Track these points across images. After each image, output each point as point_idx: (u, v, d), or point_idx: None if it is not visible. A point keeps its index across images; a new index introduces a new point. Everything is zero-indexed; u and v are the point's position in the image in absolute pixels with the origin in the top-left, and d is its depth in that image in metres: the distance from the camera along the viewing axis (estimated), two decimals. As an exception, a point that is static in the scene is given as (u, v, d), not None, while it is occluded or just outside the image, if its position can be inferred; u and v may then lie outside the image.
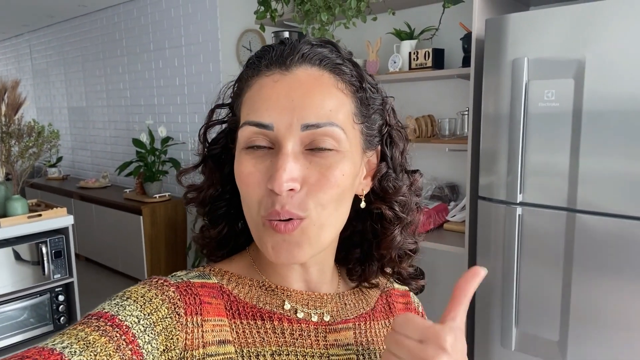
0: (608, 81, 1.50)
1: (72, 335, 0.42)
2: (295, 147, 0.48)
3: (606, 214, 1.55)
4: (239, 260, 0.59)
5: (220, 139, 0.59)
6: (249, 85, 0.52)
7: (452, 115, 2.38)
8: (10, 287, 2.38)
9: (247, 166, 0.50)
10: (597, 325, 1.59)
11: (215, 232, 0.60)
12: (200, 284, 0.53)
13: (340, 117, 0.50)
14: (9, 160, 2.42)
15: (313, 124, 0.48)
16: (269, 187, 0.47)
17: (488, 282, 1.85)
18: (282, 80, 0.49)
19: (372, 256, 0.61)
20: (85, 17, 4.93)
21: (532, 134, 1.67)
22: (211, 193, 0.59)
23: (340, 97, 0.50)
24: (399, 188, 0.58)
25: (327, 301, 0.58)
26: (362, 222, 0.60)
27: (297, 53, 0.50)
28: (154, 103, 4.33)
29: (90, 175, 5.24)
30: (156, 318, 0.46)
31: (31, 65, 6.08)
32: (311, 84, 0.49)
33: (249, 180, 0.50)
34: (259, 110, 0.49)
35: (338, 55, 0.53)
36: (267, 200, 0.49)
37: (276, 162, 0.48)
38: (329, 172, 0.49)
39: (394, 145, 0.58)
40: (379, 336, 0.60)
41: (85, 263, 4.53)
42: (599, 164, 1.54)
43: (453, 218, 2.30)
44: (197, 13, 3.75)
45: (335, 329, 0.57)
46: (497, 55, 1.74)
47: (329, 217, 0.50)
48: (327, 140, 0.49)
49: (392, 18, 2.50)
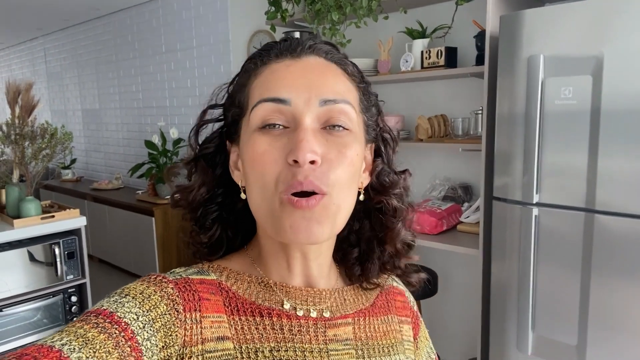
0: (627, 78, 1.46)
1: (71, 332, 0.42)
2: (313, 123, 0.49)
3: (626, 214, 1.51)
4: (237, 258, 0.59)
5: (214, 138, 0.59)
6: (257, 74, 0.53)
7: (466, 114, 2.34)
8: (24, 287, 2.40)
9: (261, 145, 0.49)
10: (617, 330, 1.54)
11: (206, 237, 0.59)
12: (199, 280, 0.53)
13: (352, 99, 0.53)
14: (23, 161, 2.44)
15: (331, 99, 0.50)
16: (291, 159, 0.47)
17: (503, 284, 1.81)
18: (294, 65, 0.51)
19: (372, 254, 0.61)
20: (98, 20, 4.98)
21: (549, 133, 1.63)
22: (202, 194, 0.58)
23: (348, 84, 0.54)
24: (395, 182, 0.60)
25: (326, 297, 0.58)
26: (359, 221, 0.61)
27: (305, 44, 0.53)
28: (166, 105, 4.35)
29: (103, 177, 5.29)
30: (155, 315, 0.46)
31: (45, 69, 6.16)
32: (323, 68, 0.52)
33: (265, 159, 0.49)
34: (274, 88, 0.50)
35: (338, 52, 0.56)
36: (287, 173, 0.48)
37: (296, 137, 0.48)
38: (346, 149, 0.50)
39: (387, 144, 0.61)
40: (378, 332, 0.60)
41: (98, 264, 4.56)
42: (618, 163, 1.50)
43: (467, 219, 2.26)
44: (208, 14, 3.76)
45: (335, 324, 0.57)
46: (511, 52, 1.71)
47: (345, 198, 0.51)
48: (342, 118, 0.50)
49: (403, 16, 2.47)
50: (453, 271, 2.56)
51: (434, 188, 2.46)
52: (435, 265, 2.52)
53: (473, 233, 2.18)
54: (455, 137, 2.28)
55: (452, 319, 2.63)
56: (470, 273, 2.47)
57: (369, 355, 0.58)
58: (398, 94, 2.66)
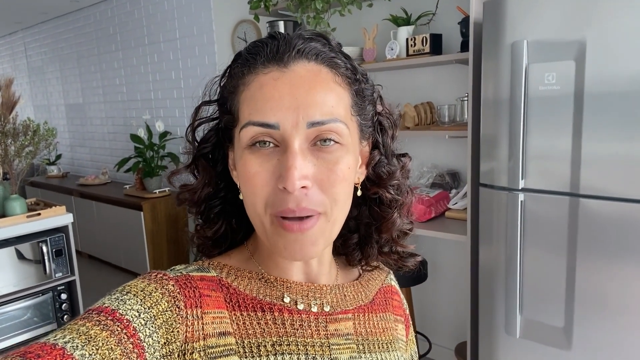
0: (610, 62, 1.47)
1: (73, 330, 0.42)
2: (302, 144, 0.48)
3: (610, 198, 1.53)
4: (237, 254, 0.59)
5: (211, 137, 0.58)
6: (245, 83, 0.51)
7: (452, 101, 2.35)
8: (12, 286, 2.38)
9: (252, 166, 0.49)
10: (603, 311, 1.58)
11: (211, 231, 0.60)
12: (200, 277, 0.53)
13: (341, 112, 0.51)
14: (6, 159, 2.40)
15: (318, 122, 0.48)
16: (281, 186, 0.48)
17: (491, 270, 1.84)
18: (282, 78, 0.49)
19: (370, 239, 0.63)
20: (78, 12, 4.88)
21: (533, 119, 1.64)
22: (207, 192, 0.58)
23: (338, 91, 0.51)
24: (392, 173, 0.59)
25: (327, 292, 0.58)
26: (356, 207, 0.61)
27: (293, 49, 0.50)
28: (151, 98, 4.29)
29: (89, 172, 5.23)
30: (156, 311, 0.47)
31: (26, 63, 6.04)
32: (311, 80, 0.49)
33: (256, 180, 0.49)
34: (262, 110, 0.49)
35: (331, 49, 0.52)
36: (276, 198, 0.49)
37: (285, 161, 0.48)
38: (337, 167, 0.50)
39: (385, 132, 0.59)
40: (377, 328, 0.62)
41: (88, 260, 4.53)
42: (602, 147, 1.52)
43: (455, 206, 2.28)
44: (191, 5, 3.70)
45: (336, 319, 0.58)
46: (495, 38, 1.71)
47: (340, 211, 0.52)
48: (331, 135, 0.49)
49: (388, 4, 2.46)
50: (442, 257, 2.59)
51: (421, 176, 2.47)
52: (425, 252, 2.54)
53: (461, 219, 2.20)
54: (442, 124, 2.29)
55: (442, 305, 2.66)
56: (458, 259, 2.50)
57: (369, 350, 0.59)
58: (384, 82, 2.63)
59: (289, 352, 0.52)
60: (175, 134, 4.00)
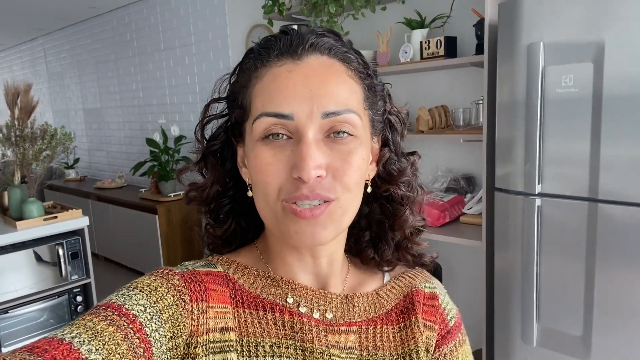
0: (629, 64, 1.43)
1: (80, 325, 0.43)
2: (316, 135, 0.48)
3: (630, 203, 1.48)
4: (247, 252, 0.60)
5: (220, 134, 0.58)
6: (258, 76, 0.51)
7: (466, 104, 2.32)
8: (29, 289, 2.41)
9: (265, 157, 0.49)
10: (623, 319, 1.53)
11: (221, 230, 0.60)
12: (206, 272, 0.54)
13: (355, 104, 0.51)
14: (24, 163, 2.44)
15: (333, 112, 0.48)
16: (295, 175, 0.47)
17: (507, 276, 1.80)
18: (296, 70, 0.49)
19: (384, 237, 0.62)
20: (96, 18, 4.96)
21: (550, 122, 1.61)
22: (215, 190, 0.58)
23: (351, 84, 0.51)
24: (403, 170, 0.59)
25: (333, 300, 0.57)
26: (368, 205, 0.61)
27: (307, 42, 0.50)
28: (166, 102, 4.34)
29: (106, 175, 5.30)
30: (162, 306, 0.47)
31: (46, 69, 6.16)
32: (325, 71, 0.50)
33: (269, 170, 0.49)
34: (276, 101, 0.49)
35: (343, 44, 0.53)
36: (290, 186, 0.49)
37: (299, 151, 0.47)
38: (351, 157, 0.49)
39: (394, 130, 0.59)
40: (393, 341, 0.57)
41: (104, 263, 4.58)
42: (622, 150, 1.48)
43: (469, 210, 2.25)
44: (206, 10, 3.73)
45: (337, 330, 0.55)
46: (511, 41, 1.68)
47: (352, 201, 0.51)
48: (345, 126, 0.49)
49: (401, 7, 2.44)
50: (457, 263, 2.55)
51: (436, 180, 2.45)
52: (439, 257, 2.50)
53: (476, 225, 2.17)
54: (457, 128, 2.26)
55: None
56: (473, 265, 2.45)
57: None
58: (398, 85, 2.63)
59: (287, 356, 0.52)
60: (190, 138, 4.02)
